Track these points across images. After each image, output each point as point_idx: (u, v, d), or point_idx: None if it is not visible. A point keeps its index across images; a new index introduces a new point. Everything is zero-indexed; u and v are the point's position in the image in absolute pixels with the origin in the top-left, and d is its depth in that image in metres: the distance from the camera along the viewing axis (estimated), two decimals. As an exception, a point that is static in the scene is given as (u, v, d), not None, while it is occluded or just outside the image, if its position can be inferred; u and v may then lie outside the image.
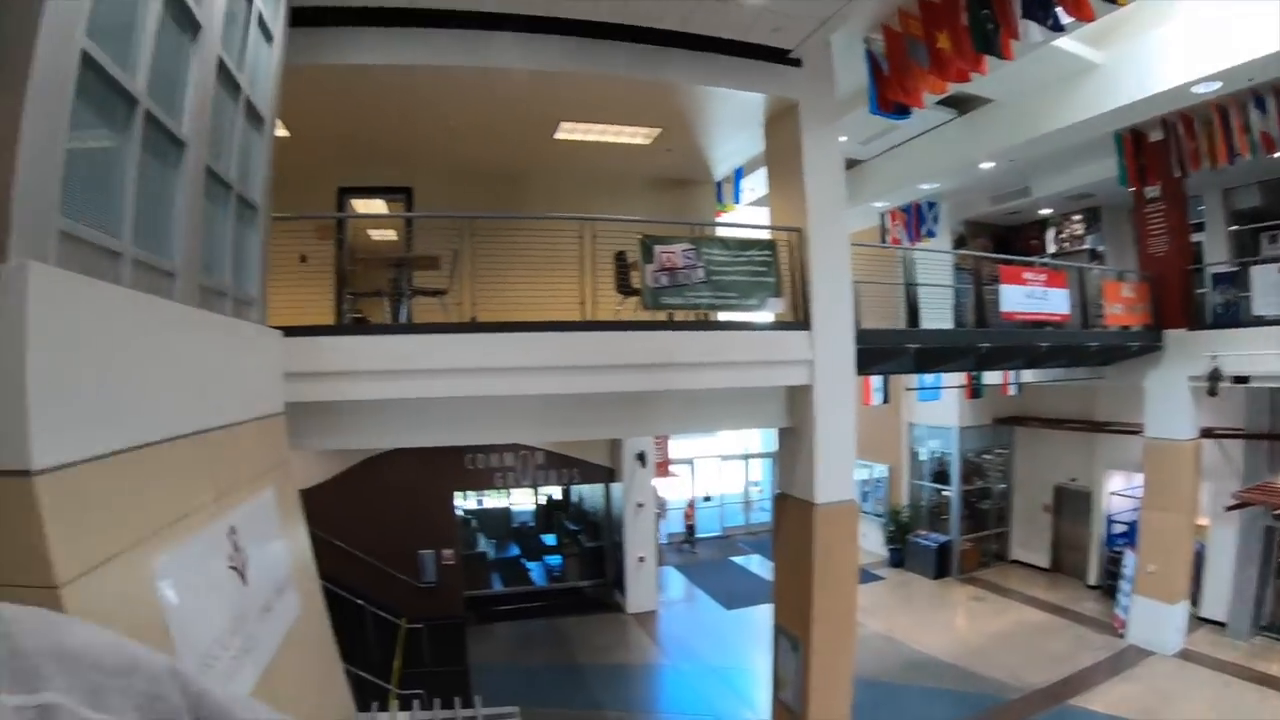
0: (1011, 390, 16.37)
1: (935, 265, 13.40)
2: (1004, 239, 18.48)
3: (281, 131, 7.51)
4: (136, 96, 4.07)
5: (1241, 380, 12.49)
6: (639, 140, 11.74)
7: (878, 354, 10.52)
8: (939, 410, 18.25)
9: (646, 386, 8.69)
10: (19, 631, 0.67)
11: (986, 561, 18.85)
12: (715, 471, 25.35)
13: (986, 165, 14.78)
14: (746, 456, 25.99)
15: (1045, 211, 17.57)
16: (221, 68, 5.29)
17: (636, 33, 8.65)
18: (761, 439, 25.34)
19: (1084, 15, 7.87)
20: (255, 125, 6.20)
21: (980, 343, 11.65)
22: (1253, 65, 10.27)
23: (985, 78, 9.45)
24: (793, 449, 9.81)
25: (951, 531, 18.51)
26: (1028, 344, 12.19)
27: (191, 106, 4.81)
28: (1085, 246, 17.24)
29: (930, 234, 16.90)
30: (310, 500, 6.90)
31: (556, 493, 20.57)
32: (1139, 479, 14.98)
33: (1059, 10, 7.97)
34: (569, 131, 11.21)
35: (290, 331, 7.02)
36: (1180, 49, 10.88)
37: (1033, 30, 8.21)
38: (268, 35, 6.38)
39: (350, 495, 13.71)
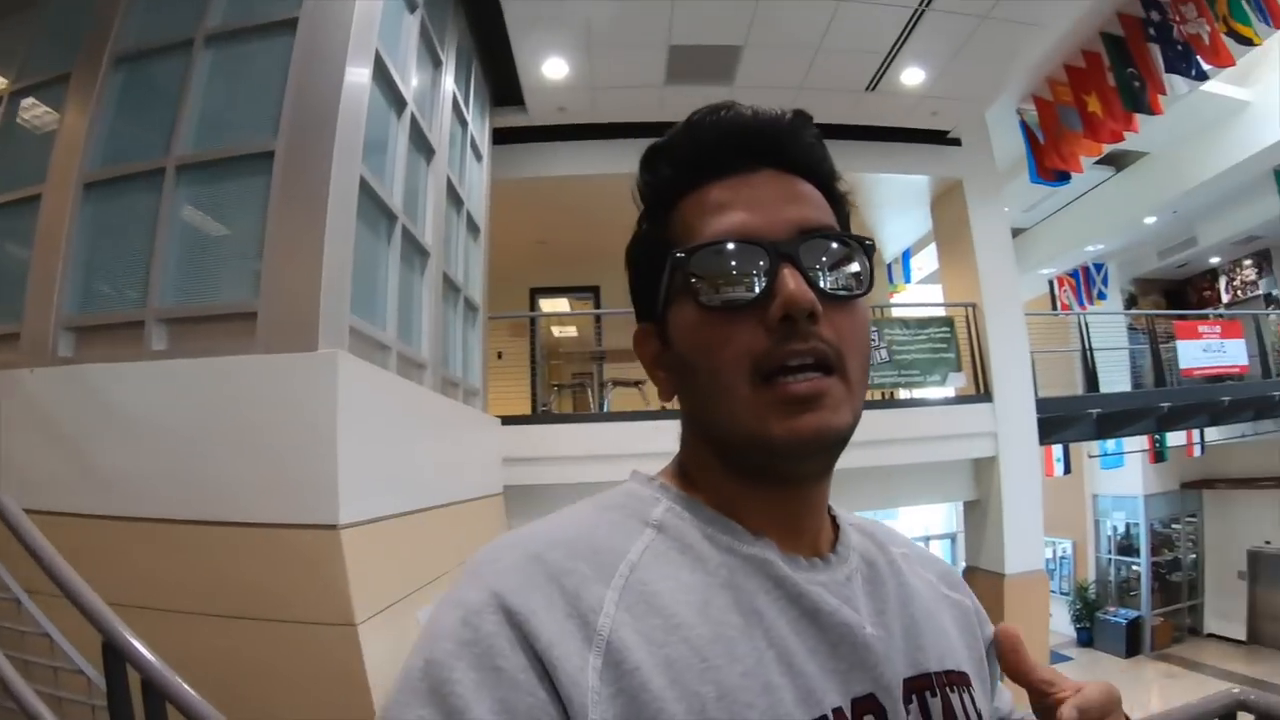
0: (1196, 451, 15.64)
1: (1109, 327, 13.29)
2: (1176, 293, 17.81)
3: (480, 239, 8.42)
4: (395, 213, 4.80)
5: None
6: (811, 229, 12.19)
7: (1058, 422, 10.47)
8: (1123, 479, 17.42)
9: (845, 464, 8.90)
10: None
11: (1180, 636, 17.46)
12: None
13: (1149, 220, 14.45)
14: (928, 538, 25.29)
15: (1214, 260, 16.84)
16: (449, 185, 6.07)
17: (807, 126, 9.24)
18: (944, 519, 24.77)
19: (1224, 62, 8.02)
20: (474, 234, 7.03)
21: (1160, 402, 11.34)
22: None
23: (1138, 133, 9.41)
24: (979, 521, 9.85)
25: (1142, 607, 17.48)
26: (1209, 400, 11.73)
27: (431, 220, 5.58)
28: (1260, 292, 16.32)
29: (1101, 296, 16.52)
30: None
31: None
32: (1344, 534, 13.97)
33: (1199, 59, 8.10)
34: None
35: (504, 420, 7.71)
36: (1328, 71, 10.62)
37: (1178, 83, 8.36)
38: (478, 154, 7.25)
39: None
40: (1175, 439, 15.35)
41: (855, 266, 0.81)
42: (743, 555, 0.77)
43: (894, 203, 11.33)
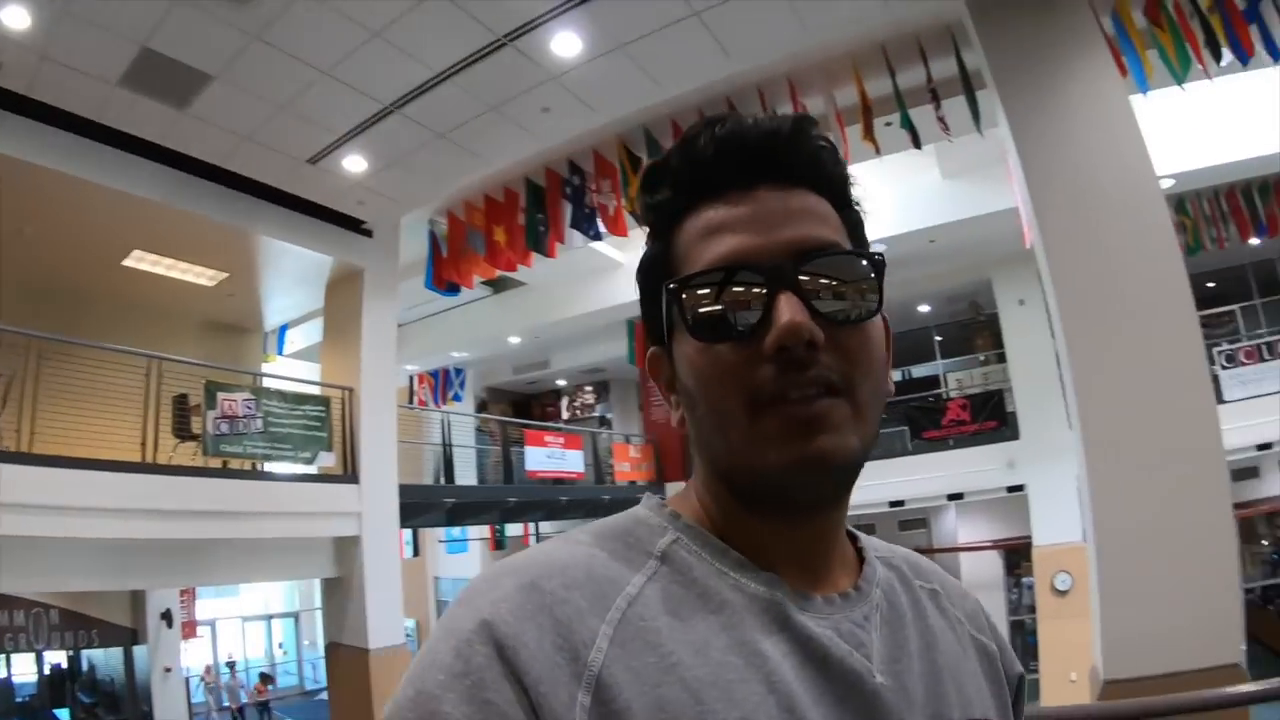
0: (531, 541, 17.35)
1: (460, 427, 14.48)
2: (523, 405, 20.17)
3: None
4: None
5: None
6: (203, 281, 11.40)
7: (416, 508, 11.20)
8: (463, 563, 18.76)
9: (204, 534, 8.53)
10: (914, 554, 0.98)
11: None
12: (238, 634, 23.00)
13: (514, 339, 16.24)
14: (269, 617, 24.33)
15: (561, 382, 19.65)
16: None
17: (230, 176, 8.80)
18: (285, 598, 24.10)
19: (619, 232, 9.49)
20: None
21: (509, 497, 12.97)
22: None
23: (530, 268, 10.61)
24: (342, 599, 9.97)
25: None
26: (550, 498, 13.65)
27: None
28: (596, 414, 19.60)
29: (457, 398, 17.92)
30: None
31: (64, 659, 17.31)
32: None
33: (600, 225, 9.50)
34: (139, 260, 10.51)
35: None
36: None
37: (576, 237, 9.74)
38: None
39: None
40: (514, 529, 16.98)
41: (863, 284, 0.78)
42: (749, 593, 0.75)
43: (291, 274, 11.26)
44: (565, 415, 19.83)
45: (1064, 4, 6.89)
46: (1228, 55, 7.21)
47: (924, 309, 16.96)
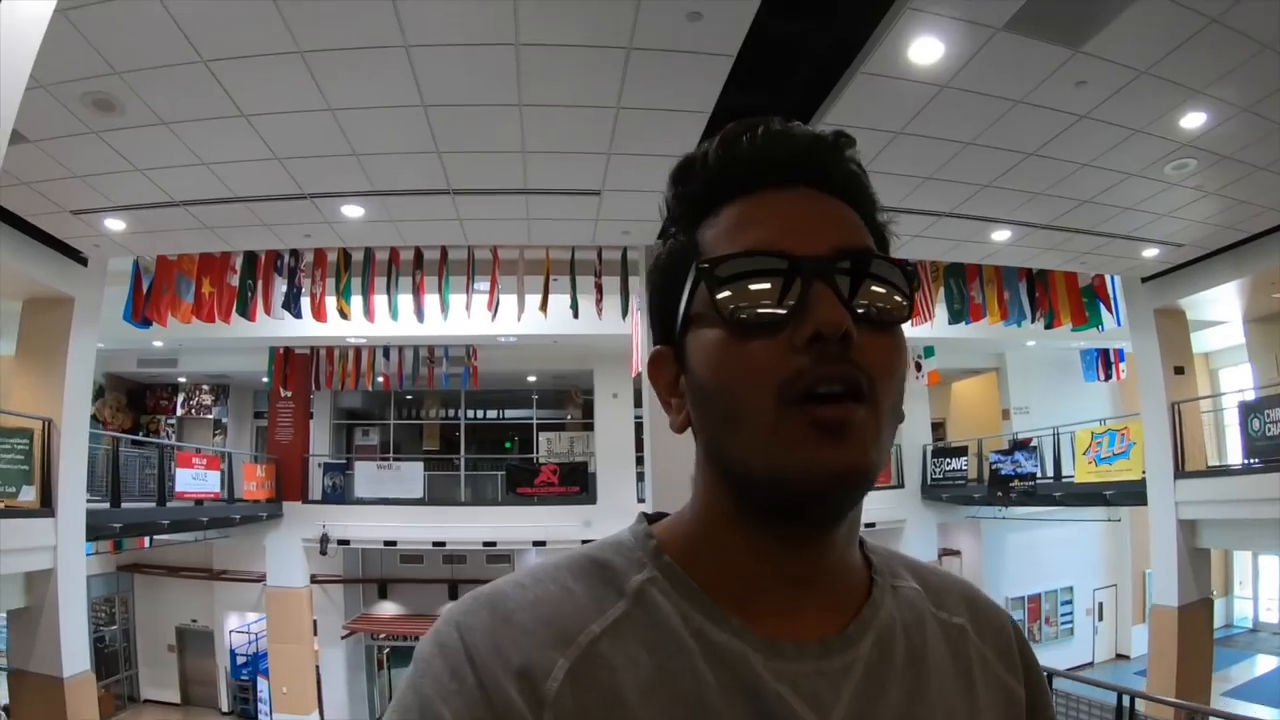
0: (146, 544, 17.53)
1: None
2: (139, 395, 20.06)
3: None
4: None
5: (344, 543, 17.38)
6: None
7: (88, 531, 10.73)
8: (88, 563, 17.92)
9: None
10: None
11: (121, 705, 18.69)
12: None
13: (158, 344, 16.41)
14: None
15: (181, 379, 19.81)
16: None
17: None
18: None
19: (320, 318, 10.96)
20: None
21: (163, 519, 13.86)
22: (390, 337, 15.31)
23: (228, 322, 11.13)
24: (30, 628, 9.61)
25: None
26: (194, 518, 14.64)
27: None
28: (211, 416, 20.13)
29: (98, 390, 17.35)
30: None
31: None
32: (252, 617, 18.74)
33: (305, 304, 10.90)
34: None
35: None
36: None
37: (279, 310, 10.90)
38: None
39: None
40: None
41: (894, 291, 0.76)
42: (710, 641, 0.74)
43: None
44: (180, 411, 20.00)
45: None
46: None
47: (531, 378, 20.77)
